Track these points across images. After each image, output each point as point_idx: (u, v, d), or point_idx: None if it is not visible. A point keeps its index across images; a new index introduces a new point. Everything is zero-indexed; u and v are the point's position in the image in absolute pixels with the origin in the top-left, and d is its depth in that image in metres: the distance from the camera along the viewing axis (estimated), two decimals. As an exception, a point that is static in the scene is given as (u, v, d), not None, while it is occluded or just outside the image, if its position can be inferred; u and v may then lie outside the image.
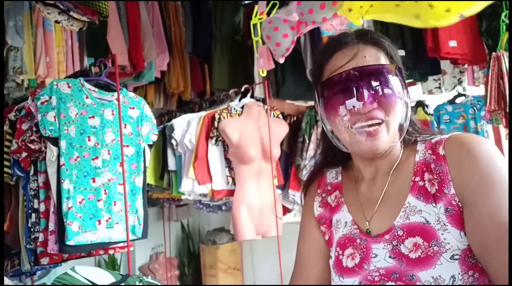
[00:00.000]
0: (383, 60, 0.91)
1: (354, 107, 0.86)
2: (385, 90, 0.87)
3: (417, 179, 0.89)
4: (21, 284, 2.64)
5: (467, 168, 0.82)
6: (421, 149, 0.93)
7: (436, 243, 0.82)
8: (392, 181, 0.93)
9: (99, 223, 1.98)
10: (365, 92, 0.86)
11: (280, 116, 3.10)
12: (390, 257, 0.87)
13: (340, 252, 0.97)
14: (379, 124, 0.86)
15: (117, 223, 2.05)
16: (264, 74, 2.28)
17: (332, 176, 1.10)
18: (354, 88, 0.86)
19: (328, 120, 0.93)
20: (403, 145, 0.95)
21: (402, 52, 2.46)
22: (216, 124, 2.74)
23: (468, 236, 0.80)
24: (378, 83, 0.87)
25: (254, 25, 2.12)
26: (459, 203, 0.82)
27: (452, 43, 2.33)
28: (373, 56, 0.90)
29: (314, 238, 1.07)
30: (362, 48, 0.91)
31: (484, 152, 0.82)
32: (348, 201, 1.02)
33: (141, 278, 0.88)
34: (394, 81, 0.89)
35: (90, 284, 0.81)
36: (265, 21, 1.89)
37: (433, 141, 0.91)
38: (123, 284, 0.83)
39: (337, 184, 1.08)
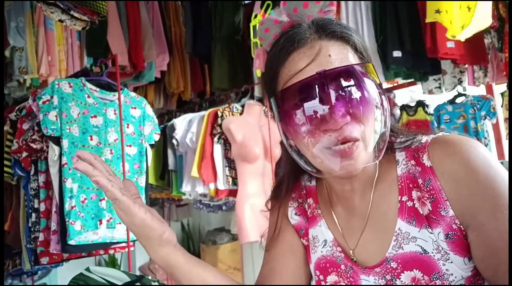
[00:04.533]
0: (352, 57, 0.72)
1: (321, 122, 0.68)
2: (360, 97, 0.68)
3: (404, 198, 0.75)
4: (22, 284, 2.64)
5: (465, 184, 0.69)
6: (402, 159, 0.77)
7: (438, 276, 0.70)
8: (376, 203, 0.78)
9: (101, 223, 1.98)
10: (334, 102, 0.66)
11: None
12: None
13: (322, 277, 0.84)
14: (354, 141, 0.69)
15: (119, 223, 2.04)
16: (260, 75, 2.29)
17: (306, 178, 0.94)
18: (320, 98, 0.67)
19: (290, 139, 0.75)
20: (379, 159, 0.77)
21: (398, 53, 2.46)
22: (219, 121, 2.73)
23: (478, 262, 0.69)
24: (350, 89, 0.68)
25: (254, 26, 2.13)
26: (461, 226, 0.69)
27: (450, 44, 2.33)
28: (339, 54, 0.71)
29: (288, 240, 0.90)
30: (324, 45, 0.71)
31: (480, 161, 0.68)
32: (325, 216, 0.86)
33: (154, 280, 0.90)
34: (370, 83, 0.70)
35: (108, 284, 0.82)
36: (259, 23, 1.93)
37: (413, 147, 0.77)
38: (138, 284, 0.84)
39: (311, 188, 0.91)
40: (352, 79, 0.68)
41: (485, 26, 2.03)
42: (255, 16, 2.13)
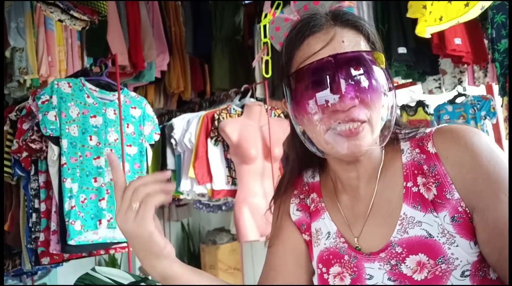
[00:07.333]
0: (364, 46, 0.76)
1: (330, 103, 0.70)
2: (369, 83, 0.72)
3: (409, 184, 0.76)
4: (22, 284, 2.64)
5: (469, 168, 0.70)
6: (406, 148, 0.80)
7: (443, 260, 0.71)
8: (380, 189, 0.80)
9: (100, 223, 1.98)
10: (344, 85, 0.70)
11: (282, 115, 3.10)
12: (389, 279, 0.75)
13: (324, 270, 0.84)
14: (361, 123, 0.72)
15: (120, 223, 2.04)
16: (268, 75, 2.29)
17: (309, 174, 0.95)
18: (330, 80, 0.71)
19: (299, 120, 0.78)
20: (383, 145, 0.79)
21: (403, 50, 2.46)
22: (216, 124, 2.74)
23: (484, 245, 0.70)
24: (360, 74, 0.71)
25: (264, 26, 2.11)
26: (467, 209, 0.70)
27: (457, 41, 2.32)
28: (352, 41, 0.74)
29: (289, 237, 0.91)
30: (339, 31, 0.75)
31: (484, 147, 0.71)
32: (329, 208, 0.87)
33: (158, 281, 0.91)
34: (379, 71, 0.73)
35: (114, 283, 0.82)
36: (269, 22, 1.93)
37: (417, 137, 0.79)
38: (143, 284, 0.84)
39: (314, 184, 0.92)
40: (362, 65, 0.72)
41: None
42: (265, 16, 2.11)
